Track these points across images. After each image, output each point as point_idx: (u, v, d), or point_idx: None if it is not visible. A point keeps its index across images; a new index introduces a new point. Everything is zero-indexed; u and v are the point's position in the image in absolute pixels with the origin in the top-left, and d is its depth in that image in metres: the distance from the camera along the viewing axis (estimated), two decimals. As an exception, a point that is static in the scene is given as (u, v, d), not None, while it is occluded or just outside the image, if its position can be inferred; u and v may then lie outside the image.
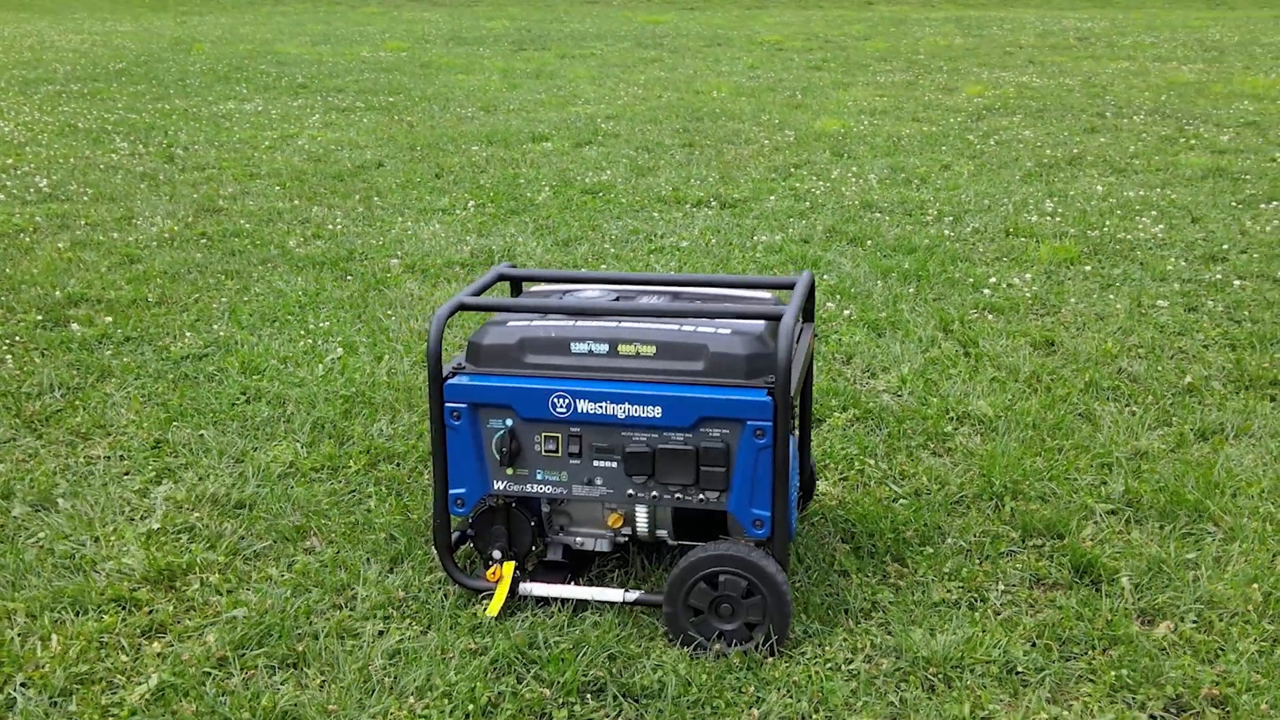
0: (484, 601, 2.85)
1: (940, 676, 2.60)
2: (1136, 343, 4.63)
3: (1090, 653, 2.68)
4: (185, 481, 3.54)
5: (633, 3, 27.95)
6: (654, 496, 2.75)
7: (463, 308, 2.83)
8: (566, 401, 2.71)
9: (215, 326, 4.85)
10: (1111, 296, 5.21)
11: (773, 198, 7.27)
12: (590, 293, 3.02)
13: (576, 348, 2.75)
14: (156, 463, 3.66)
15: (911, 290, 5.31)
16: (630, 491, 2.76)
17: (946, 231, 6.35)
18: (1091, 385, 4.19)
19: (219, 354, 4.54)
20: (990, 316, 4.97)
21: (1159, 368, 4.36)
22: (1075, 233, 6.29)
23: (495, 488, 2.82)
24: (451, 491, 2.82)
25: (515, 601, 2.85)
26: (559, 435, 2.75)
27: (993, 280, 5.43)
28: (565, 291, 3.07)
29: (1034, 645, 2.71)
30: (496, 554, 2.90)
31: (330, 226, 6.58)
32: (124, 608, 2.87)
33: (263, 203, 7.19)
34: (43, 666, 2.62)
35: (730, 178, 7.92)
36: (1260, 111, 10.70)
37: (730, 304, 2.91)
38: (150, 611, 2.85)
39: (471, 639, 2.71)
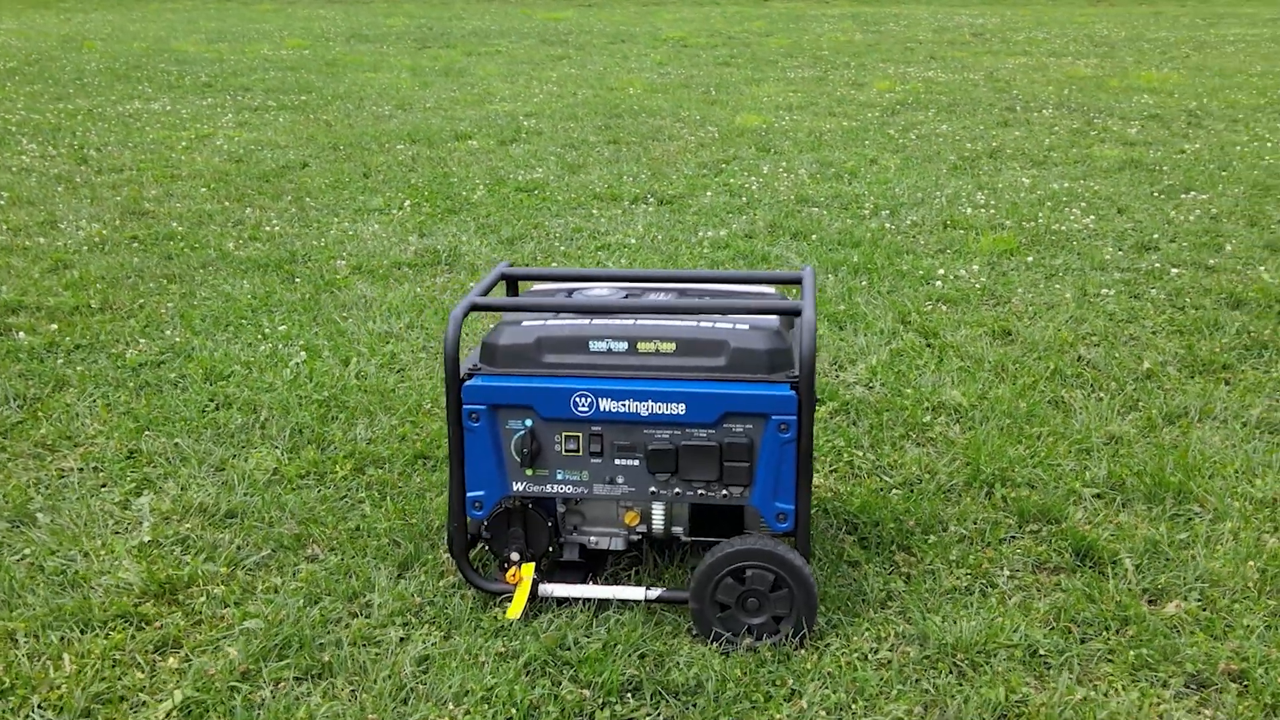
0: (503, 604, 2.83)
1: (967, 662, 2.64)
2: (1090, 331, 4.75)
3: (1105, 633, 2.75)
4: (167, 492, 3.45)
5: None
6: (677, 493, 2.75)
7: (475, 308, 2.80)
8: (589, 400, 2.70)
9: (168, 332, 4.73)
10: (1058, 286, 5.34)
11: (709, 194, 7.31)
12: (599, 291, 3.01)
13: (595, 346, 2.74)
14: (134, 473, 3.56)
15: (864, 283, 5.38)
16: (653, 489, 2.75)
17: (886, 225, 6.44)
18: (1056, 373, 4.29)
19: (179, 360, 4.42)
20: (944, 308, 5.06)
21: (1116, 354, 4.49)
22: (1011, 224, 6.43)
23: (514, 489, 2.79)
24: (469, 494, 2.79)
25: (535, 603, 2.83)
26: (580, 434, 2.74)
27: (941, 272, 5.53)
28: (570, 290, 3.05)
29: (1052, 628, 2.77)
30: (514, 556, 2.87)
31: (267, 228, 6.45)
32: (131, 624, 2.79)
33: (190, 205, 7.02)
34: (59, 687, 2.54)
35: (662, 174, 7.94)
36: (1160, 105, 11.05)
37: (747, 300, 2.92)
38: (160, 626, 2.77)
39: (500, 642, 2.68)
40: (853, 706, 2.50)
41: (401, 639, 2.72)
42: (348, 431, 3.83)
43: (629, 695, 2.53)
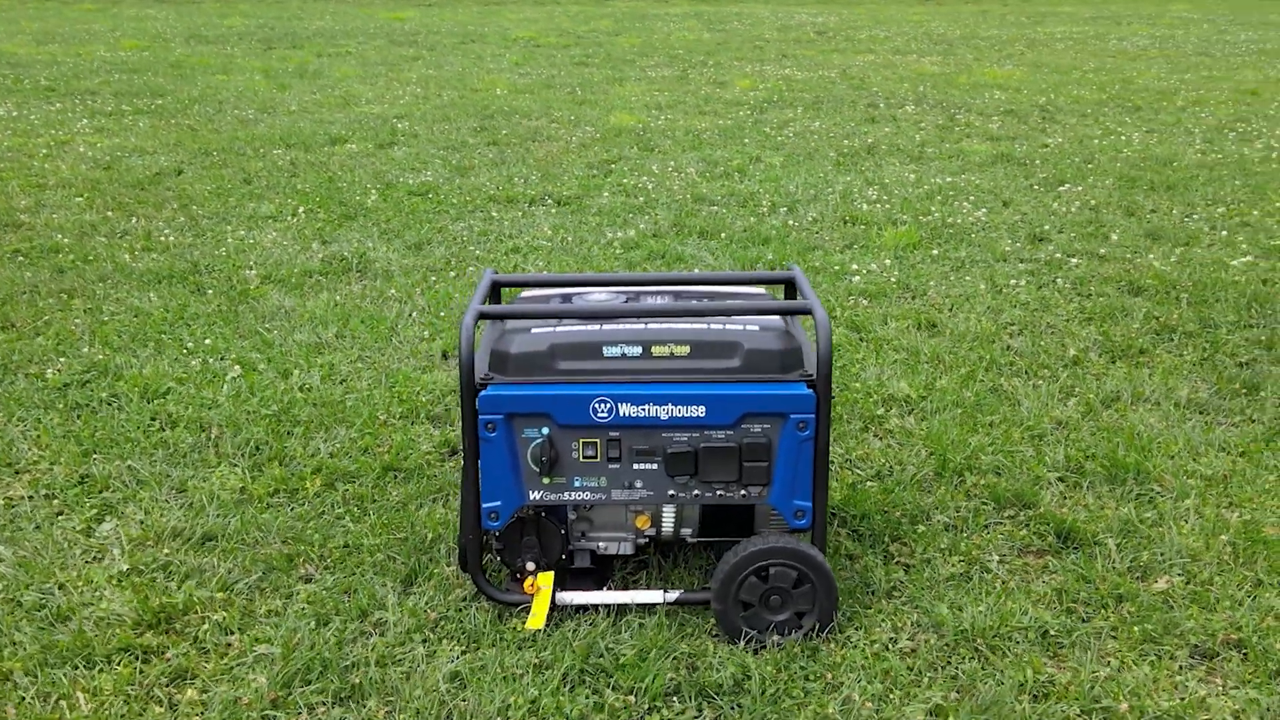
0: (521, 615, 2.80)
1: (986, 646, 2.73)
2: (1009, 320, 4.93)
3: (1104, 611, 2.87)
4: (130, 517, 3.31)
5: (367, -1, 27.36)
6: (696, 495, 2.76)
7: (484, 316, 2.77)
8: (608, 406, 2.69)
9: (85, 350, 4.51)
10: (968, 278, 5.52)
11: (605, 194, 7.32)
12: (599, 296, 3.00)
13: (609, 351, 2.73)
14: (91, 499, 3.40)
15: (783, 280, 5.46)
16: (672, 492, 2.76)
17: (790, 221, 6.56)
18: (991, 363, 4.44)
19: (106, 379, 4.23)
20: (865, 302, 5.18)
21: (1041, 343, 4.67)
22: (908, 219, 6.62)
23: (531, 498, 2.77)
24: (485, 505, 2.75)
25: (553, 612, 2.81)
26: (598, 440, 2.73)
27: (855, 267, 5.66)
28: (564, 296, 3.03)
29: (1055, 609, 2.88)
30: (530, 565, 2.85)
31: (160, 238, 6.21)
32: (136, 656, 2.67)
33: (68, 215, 6.71)
34: (79, 727, 2.42)
35: (552, 175, 7.92)
36: (1011, 100, 11.49)
37: (757, 301, 2.95)
38: (168, 658, 2.66)
39: (529, 654, 2.66)
40: (890, 696, 2.55)
41: (427, 656, 2.67)
42: (306, 446, 3.73)
43: (673, 698, 2.53)
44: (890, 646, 2.74)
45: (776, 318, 2.86)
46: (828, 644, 2.73)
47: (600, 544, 2.94)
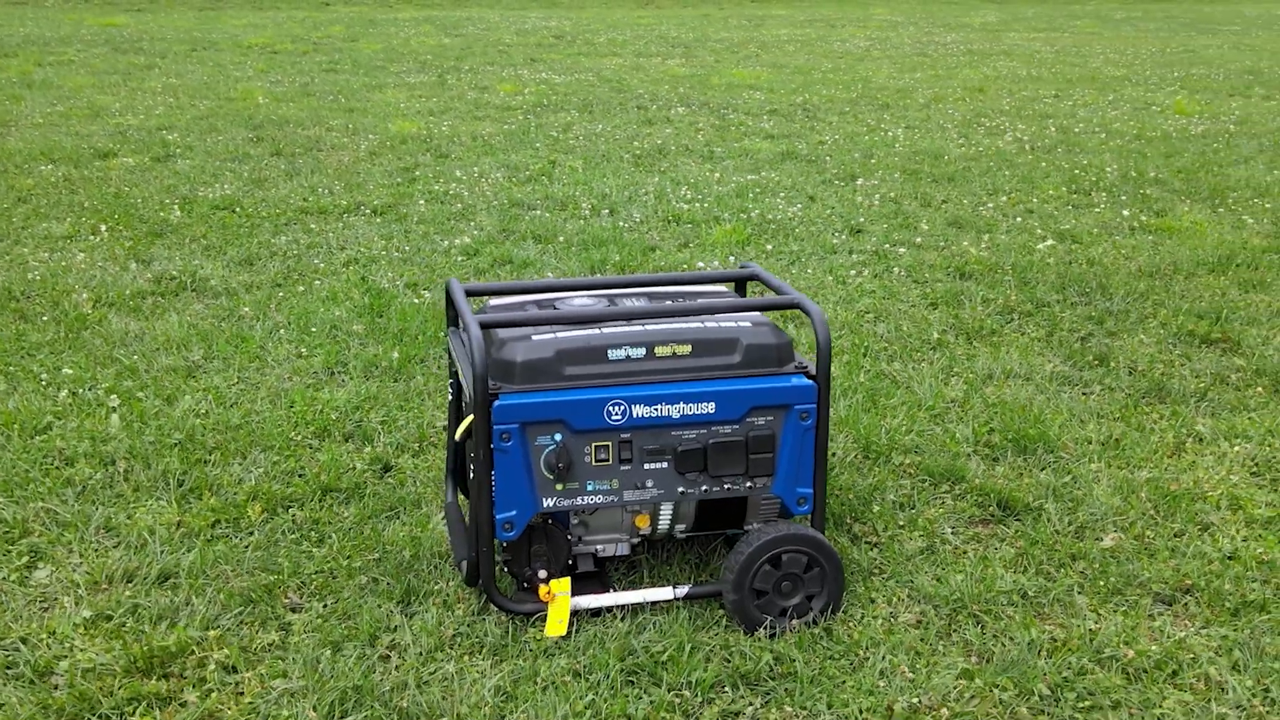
0: (537, 624, 2.78)
1: (980, 612, 2.90)
2: (865, 309, 5.19)
3: (1065, 570, 3.10)
4: (64, 562, 3.08)
5: (69, 5, 25.71)
6: (705, 490, 2.82)
7: (485, 326, 2.74)
8: (621, 408, 2.72)
9: (-70, 388, 4.14)
10: (810, 271, 5.76)
11: (421, 202, 7.21)
12: (581, 300, 3.00)
13: (614, 354, 2.76)
14: (14, 546, 3.14)
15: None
16: (682, 489, 2.81)
17: (619, 223, 6.65)
18: (868, 350, 4.67)
19: (-29, 417, 3.90)
20: (723, 298, 5.33)
21: (901, 328, 4.94)
22: (729, 216, 6.83)
23: (545, 505, 2.76)
24: (500, 516, 2.73)
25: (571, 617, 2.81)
26: (610, 443, 2.75)
27: (700, 264, 5.81)
28: (540, 302, 3.03)
29: (1023, 572, 3.09)
30: (542, 573, 2.83)
31: (-45, 264, 5.72)
32: (152, 706, 2.50)
33: None
34: (124, 785, 2.26)
35: (356, 184, 7.73)
36: (771, 100, 11.97)
37: (752, 298, 3.03)
38: (186, 703, 2.51)
39: (563, 661, 2.65)
40: (917, 666, 2.69)
41: (457, 673, 2.62)
42: (227, 473, 3.56)
43: (724, 690, 2.58)
44: (896, 620, 2.87)
45: (760, 314, 2.96)
46: (838, 625, 2.84)
47: (599, 546, 2.95)
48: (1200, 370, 4.48)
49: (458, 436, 2.93)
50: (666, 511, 2.92)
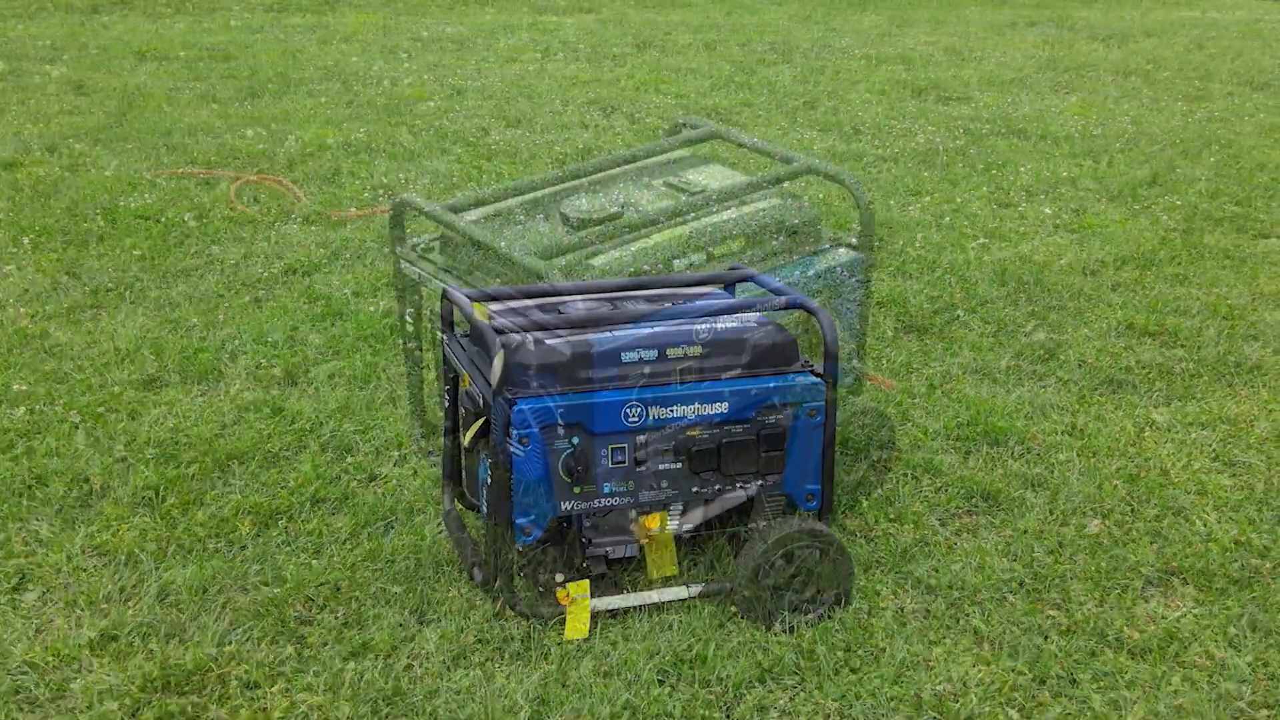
0: (558, 627, 2.79)
1: (984, 599, 2.98)
2: (815, 309, 5.26)
3: (1055, 558, 3.20)
4: (54, 584, 3.00)
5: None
6: (717, 489, 2.86)
7: (499, 331, 2.74)
8: (639, 410, 2.74)
9: (-123, 409, 3.99)
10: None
11: (353, 208, 7.13)
12: (584, 305, 3.01)
13: (627, 357, 2.78)
14: (1, 569, 3.05)
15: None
16: (695, 488, 2.84)
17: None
18: (826, 348, 4.74)
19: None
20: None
21: (853, 326, 5.02)
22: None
23: (563, 509, 2.76)
24: (519, 521, 2.73)
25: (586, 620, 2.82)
26: (626, 445, 2.77)
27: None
28: (546, 306, 3.02)
29: (1015, 560, 3.18)
30: (560, 577, 2.83)
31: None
32: (182, 723, 2.46)
33: None
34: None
35: (280, 193, 7.60)
36: (678, 105, 12.04)
37: (760, 299, 3.07)
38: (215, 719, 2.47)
39: (588, 663, 2.66)
40: (936, 650, 2.75)
41: (485, 679, 2.62)
42: (211, 487, 3.49)
43: (755, 684, 2.62)
44: (905, 609, 2.94)
45: (761, 314, 3.00)
46: (850, 617, 2.89)
47: (608, 548, 2.97)
48: (1146, 361, 4.64)
49: (465, 441, 2.92)
50: (676, 510, 2.95)
